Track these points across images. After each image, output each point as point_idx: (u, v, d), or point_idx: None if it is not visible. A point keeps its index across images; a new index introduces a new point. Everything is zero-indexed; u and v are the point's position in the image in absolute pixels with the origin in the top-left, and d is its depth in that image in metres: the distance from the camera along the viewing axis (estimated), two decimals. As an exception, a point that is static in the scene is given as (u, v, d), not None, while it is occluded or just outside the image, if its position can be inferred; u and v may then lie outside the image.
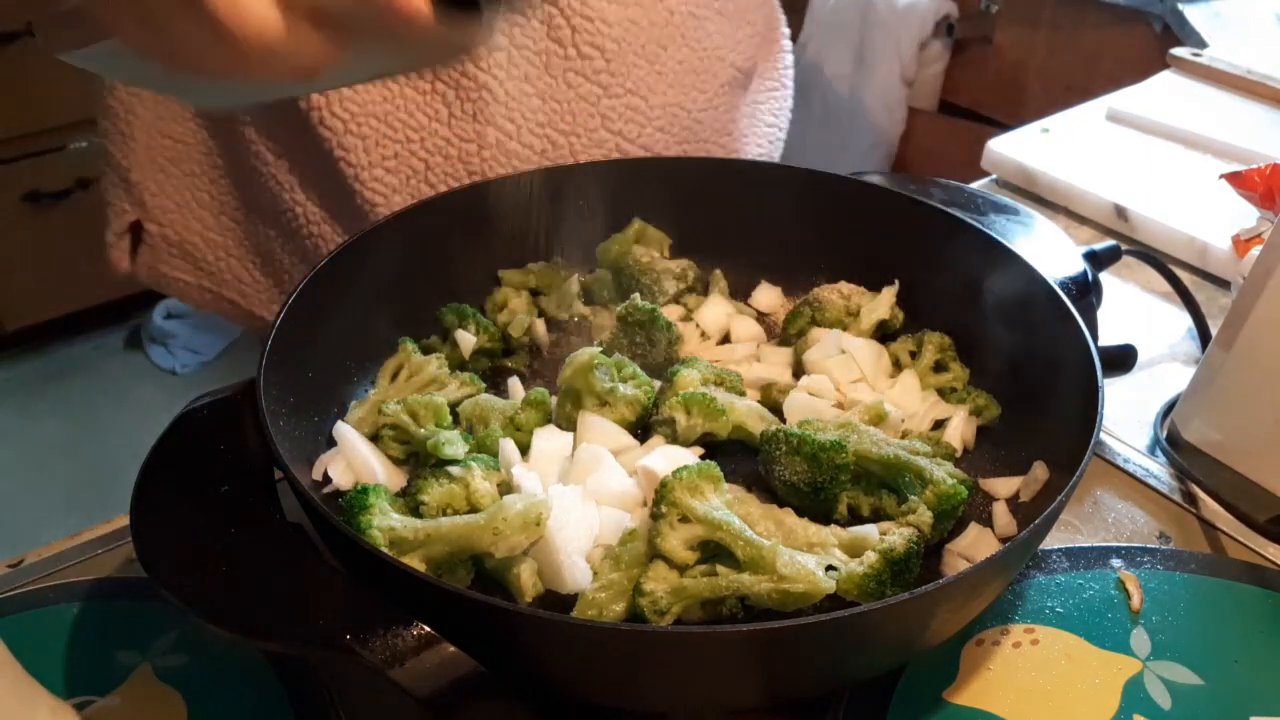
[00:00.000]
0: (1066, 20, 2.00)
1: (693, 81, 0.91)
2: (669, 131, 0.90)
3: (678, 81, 0.90)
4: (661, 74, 0.88)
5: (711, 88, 0.92)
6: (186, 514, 0.51)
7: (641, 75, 0.87)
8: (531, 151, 0.85)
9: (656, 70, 0.88)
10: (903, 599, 0.45)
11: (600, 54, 0.84)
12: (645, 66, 0.87)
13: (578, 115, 0.86)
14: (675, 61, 0.89)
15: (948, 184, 0.84)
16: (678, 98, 0.90)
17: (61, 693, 0.54)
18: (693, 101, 0.91)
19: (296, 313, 0.62)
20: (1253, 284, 0.66)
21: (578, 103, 0.85)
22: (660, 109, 0.89)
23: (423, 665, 0.44)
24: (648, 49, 0.87)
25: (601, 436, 0.64)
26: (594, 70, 0.85)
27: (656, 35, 0.87)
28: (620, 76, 0.86)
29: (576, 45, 0.83)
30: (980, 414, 0.68)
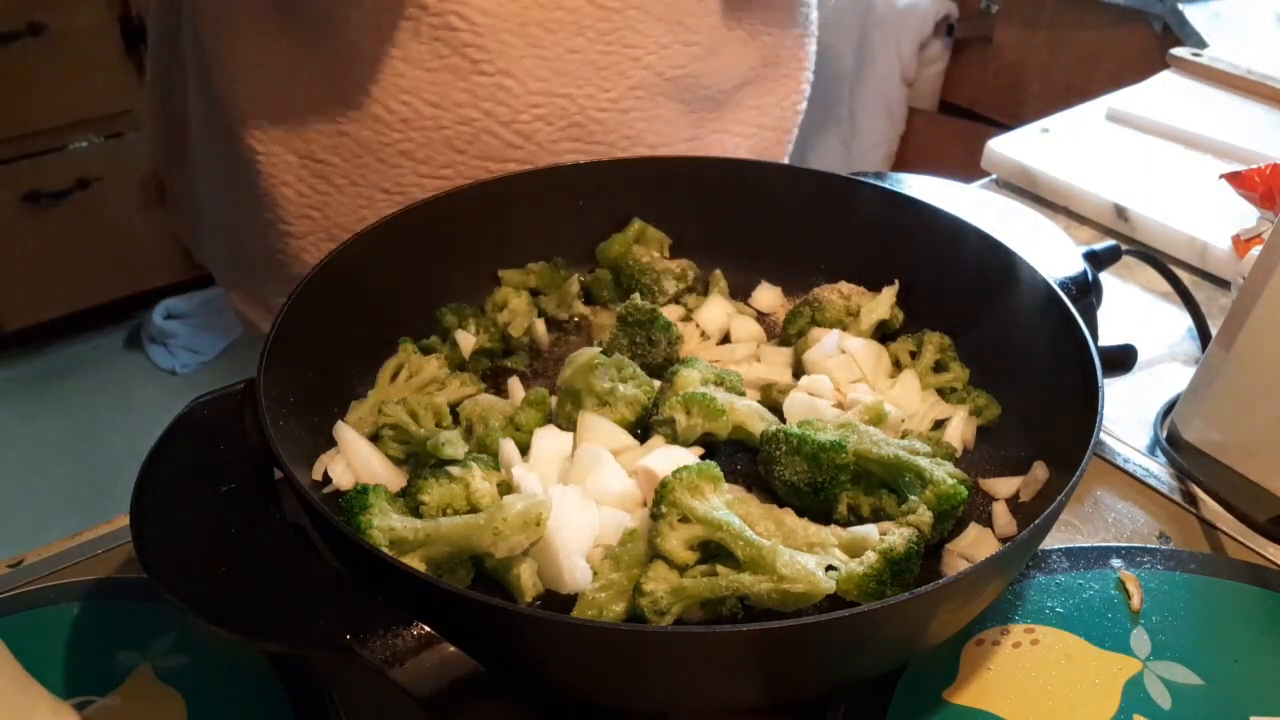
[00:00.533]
0: (1066, 20, 2.00)
1: (589, 75, 0.85)
2: (553, 123, 0.85)
3: (566, 71, 0.84)
4: (545, 59, 0.83)
5: (618, 88, 0.87)
6: (186, 514, 0.51)
7: (517, 57, 0.82)
8: (395, 118, 0.83)
9: (539, 55, 0.83)
10: (903, 599, 0.45)
11: (470, 27, 0.80)
12: (525, 49, 0.82)
13: (444, 87, 0.82)
14: (565, 50, 0.84)
15: (948, 184, 0.84)
16: (566, 89, 0.85)
17: (61, 693, 0.54)
18: (588, 98, 0.86)
19: (296, 313, 0.62)
20: (1253, 284, 0.66)
21: (445, 73, 0.82)
22: (542, 96, 0.84)
23: (423, 665, 0.44)
24: (528, 30, 0.82)
25: (601, 436, 0.64)
26: (461, 43, 0.81)
27: (540, 17, 0.82)
28: (493, 54, 0.82)
29: (442, 14, 0.80)
30: (980, 414, 0.68)
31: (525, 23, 0.81)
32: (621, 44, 0.85)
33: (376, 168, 0.85)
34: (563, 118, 0.85)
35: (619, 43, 0.85)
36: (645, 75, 0.87)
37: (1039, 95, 2.09)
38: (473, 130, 0.84)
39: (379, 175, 0.86)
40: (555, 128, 0.85)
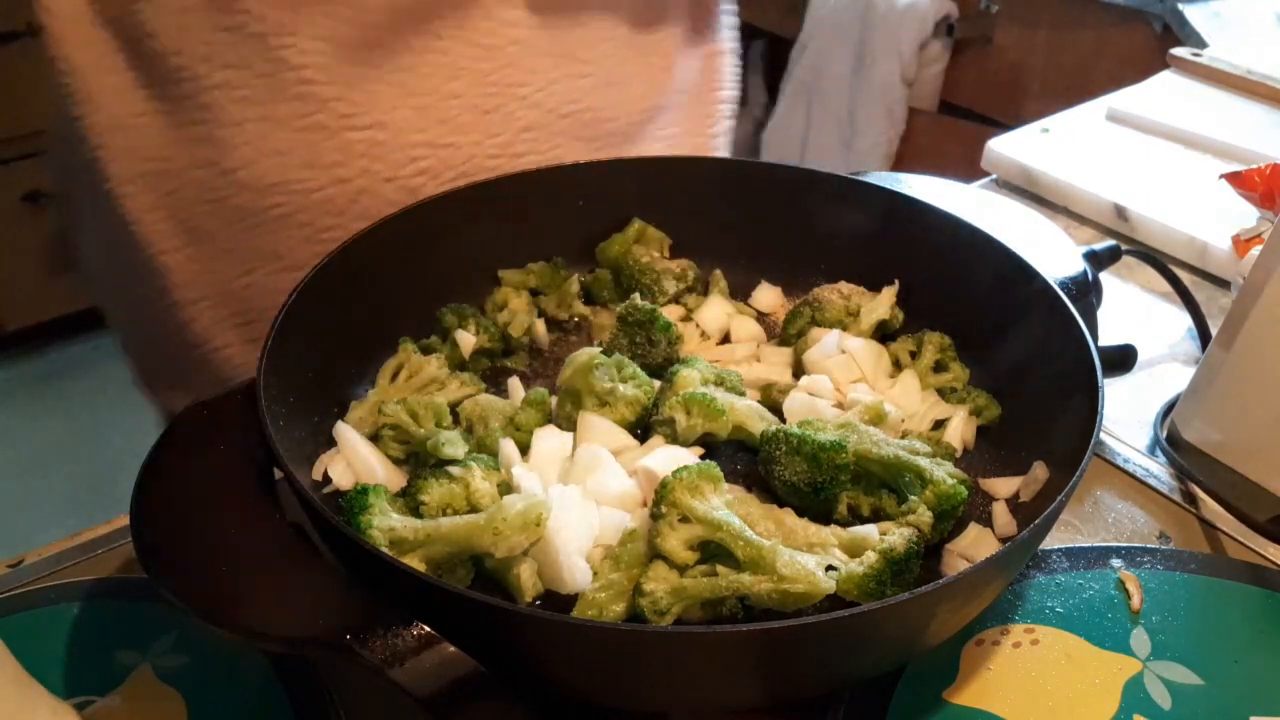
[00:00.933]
0: (1066, 20, 2.00)
1: (473, 121, 0.79)
2: (439, 175, 0.79)
3: (449, 118, 0.78)
4: (422, 108, 0.77)
5: (507, 130, 0.80)
6: (186, 514, 0.51)
7: (390, 108, 0.76)
8: (267, 184, 0.77)
9: (414, 104, 0.76)
10: (903, 599, 0.45)
11: (331, 80, 0.74)
12: (396, 98, 0.76)
13: (314, 146, 0.76)
14: (443, 95, 0.77)
15: (948, 184, 0.84)
16: (450, 137, 0.78)
17: (61, 693, 0.54)
18: (475, 144, 0.79)
19: (297, 312, 0.62)
20: (1253, 284, 0.66)
21: (314, 131, 0.76)
22: (424, 148, 0.78)
23: (423, 665, 0.44)
24: (400, 78, 0.76)
25: (601, 436, 0.64)
26: (326, 98, 0.75)
27: (411, 63, 0.76)
28: (363, 107, 0.76)
29: (301, 68, 0.74)
30: (980, 414, 0.68)
31: (395, 70, 0.75)
32: (505, 83, 0.79)
33: (257, 234, 0.80)
34: (449, 169, 0.80)
35: (502, 82, 0.79)
36: (536, 115, 0.81)
37: (1039, 95, 2.09)
38: (350, 190, 0.78)
39: (261, 241, 0.80)
40: (443, 180, 0.80)
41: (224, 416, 0.56)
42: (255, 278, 0.82)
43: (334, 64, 0.74)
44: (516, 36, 0.78)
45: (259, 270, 0.82)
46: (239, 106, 0.75)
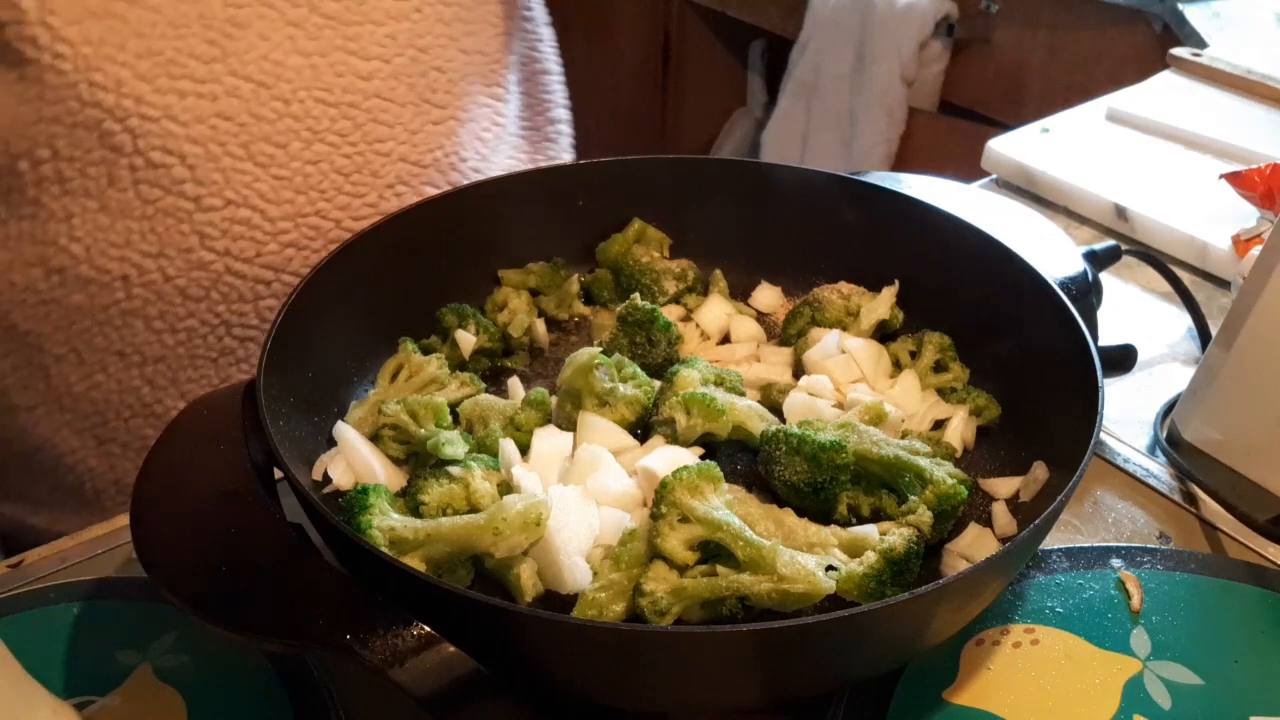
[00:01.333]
0: (1066, 20, 2.00)
1: (338, 185, 0.75)
2: (309, 246, 0.76)
3: (311, 186, 0.74)
4: (284, 178, 0.73)
5: (374, 189, 0.77)
6: (186, 514, 0.51)
7: (248, 181, 0.72)
8: (110, 277, 0.72)
9: (274, 175, 0.72)
10: (903, 599, 0.45)
11: (180, 160, 0.69)
12: (255, 171, 0.72)
13: (164, 234, 0.71)
14: (304, 162, 0.73)
15: (948, 184, 0.84)
16: (315, 205, 0.75)
17: (61, 693, 0.54)
18: (341, 209, 0.76)
19: (296, 313, 0.62)
20: (1253, 284, 0.66)
21: (161, 219, 0.71)
22: (288, 221, 0.74)
23: (423, 665, 0.44)
24: (255, 149, 0.71)
25: (601, 437, 0.64)
26: (174, 180, 0.70)
27: (265, 132, 0.71)
28: (215, 185, 0.71)
29: (141, 152, 0.68)
30: (980, 414, 0.68)
31: (249, 141, 0.71)
32: (367, 141, 0.76)
33: (101, 332, 0.75)
34: (318, 238, 0.76)
35: (364, 140, 0.76)
36: (401, 168, 0.79)
37: (1039, 95, 2.08)
38: (211, 274, 0.74)
39: (106, 339, 0.75)
40: (311, 250, 0.77)
41: (224, 416, 0.56)
42: (102, 378, 0.77)
43: (181, 144, 0.70)
44: (373, 90, 0.75)
45: (106, 370, 0.77)
46: (70, 199, 0.70)
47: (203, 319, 0.76)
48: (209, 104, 0.70)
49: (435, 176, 0.82)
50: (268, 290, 0.77)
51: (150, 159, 0.69)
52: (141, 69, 0.68)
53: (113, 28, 0.67)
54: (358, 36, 0.74)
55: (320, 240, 0.77)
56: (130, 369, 0.77)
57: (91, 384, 0.78)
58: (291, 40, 0.72)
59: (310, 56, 0.72)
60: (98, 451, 0.81)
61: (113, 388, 0.78)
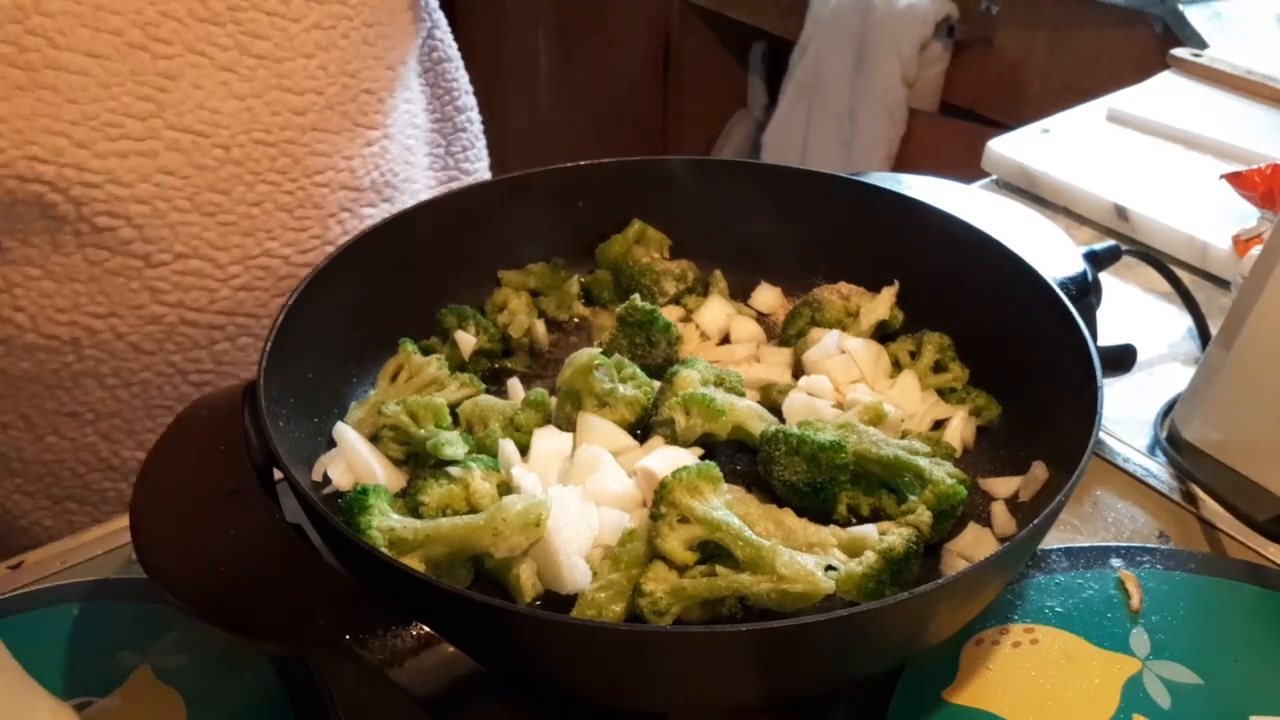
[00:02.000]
0: (1066, 20, 2.00)
1: (283, 222, 0.75)
2: (259, 287, 0.76)
3: (258, 228, 0.74)
4: (228, 224, 0.72)
5: (317, 222, 0.76)
6: (186, 514, 0.51)
7: (196, 232, 0.71)
8: (59, 341, 0.71)
9: (220, 222, 0.72)
10: (902, 599, 0.45)
11: (126, 221, 0.68)
12: (201, 220, 0.71)
13: (113, 293, 0.70)
14: (247, 205, 0.73)
15: (948, 184, 0.84)
16: (263, 246, 0.74)
17: (61, 693, 0.54)
18: (289, 245, 0.76)
19: (296, 313, 0.62)
20: (1253, 284, 0.66)
21: (109, 279, 0.70)
22: (238, 265, 0.74)
23: (423, 665, 0.44)
24: (199, 199, 0.70)
25: (601, 437, 0.64)
26: (121, 241, 0.69)
27: (209, 182, 0.71)
28: (164, 241, 0.70)
29: (86, 219, 0.67)
30: (980, 414, 0.68)
31: (193, 193, 0.70)
32: (306, 175, 0.75)
33: (51, 395, 0.74)
34: (267, 277, 0.76)
35: (303, 174, 0.75)
36: (343, 196, 0.78)
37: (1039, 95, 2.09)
38: (164, 327, 0.73)
39: (57, 402, 0.75)
40: (263, 289, 0.76)
41: (224, 416, 0.56)
42: (54, 439, 0.77)
43: (126, 205, 0.69)
44: (309, 123, 0.75)
45: (58, 431, 0.76)
46: (11, 268, 0.69)
47: (157, 370, 0.76)
48: (150, 161, 0.69)
49: (373, 197, 0.81)
50: (222, 334, 0.76)
51: (95, 224, 0.68)
52: (79, 135, 0.66)
53: (44, 98, 0.65)
54: (290, 73, 0.73)
55: (270, 279, 0.77)
56: (84, 427, 0.77)
57: (43, 446, 0.77)
58: (225, 85, 0.71)
59: (245, 99, 0.72)
60: (53, 511, 0.80)
61: (66, 448, 0.77)
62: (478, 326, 0.74)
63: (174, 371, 0.76)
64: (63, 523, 0.81)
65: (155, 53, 0.68)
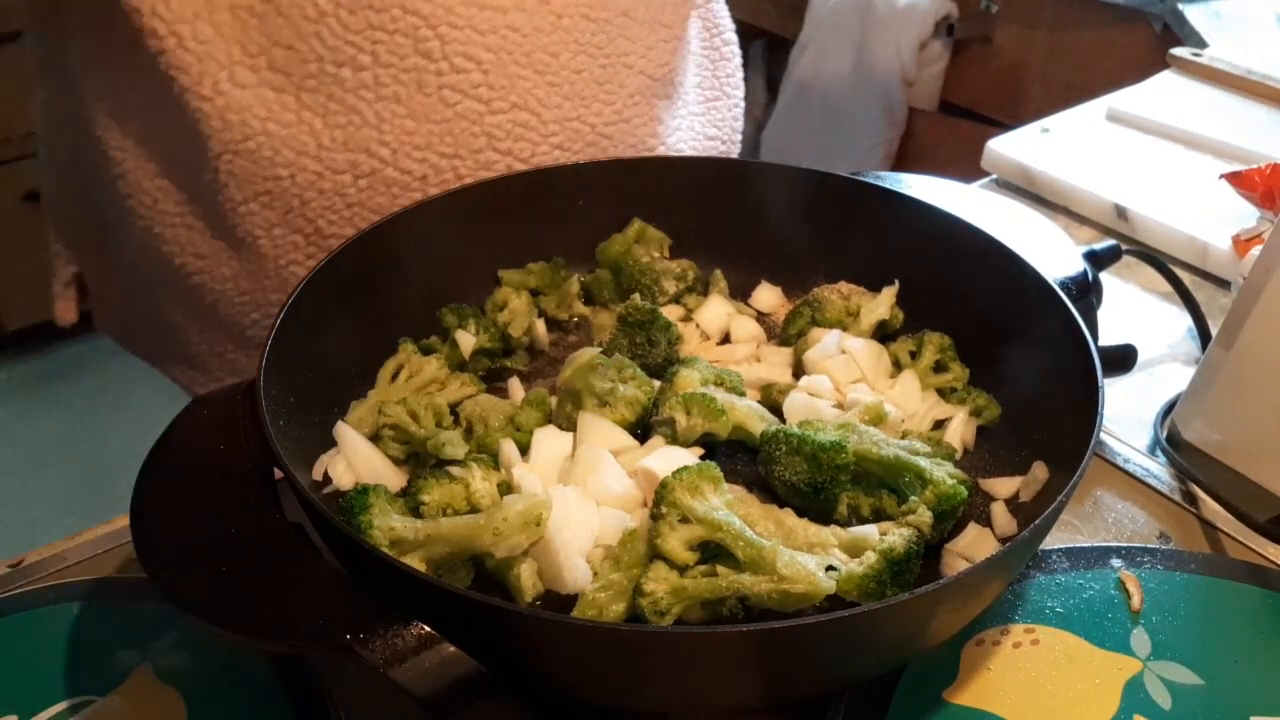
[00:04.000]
0: (1066, 20, 2.00)
1: (594, 93, 0.83)
2: (570, 149, 0.84)
3: (575, 93, 0.82)
4: (555, 85, 0.81)
5: (619, 98, 0.85)
6: (186, 514, 0.51)
7: (529, 87, 0.80)
8: (411, 178, 0.79)
9: (548, 81, 0.80)
10: (903, 599, 0.45)
11: (477, 66, 0.77)
12: (534, 78, 0.80)
13: (459, 135, 0.79)
14: (571, 71, 0.81)
15: (948, 184, 0.84)
16: (577, 110, 0.83)
17: (61, 693, 0.54)
18: (596, 115, 0.84)
19: (296, 313, 0.62)
20: (1253, 284, 0.66)
21: (457, 121, 0.78)
22: (557, 124, 0.82)
23: (423, 665, 0.44)
24: (535, 58, 0.79)
25: (601, 437, 0.64)
26: (471, 84, 0.77)
27: (543, 42, 0.79)
28: (503, 90, 0.79)
29: (448, 57, 0.76)
30: (980, 414, 0.68)
31: (531, 50, 0.79)
32: (617, 54, 0.84)
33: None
34: (578, 141, 0.84)
35: (615, 53, 0.84)
36: (640, 80, 0.87)
37: (1039, 95, 2.09)
38: (494, 172, 0.81)
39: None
40: (572, 153, 0.84)
41: (224, 416, 0.56)
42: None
43: (479, 51, 0.77)
44: (623, 8, 0.84)
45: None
46: (383, 105, 0.76)
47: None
48: (500, 16, 0.77)
49: (660, 89, 0.90)
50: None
51: (454, 64, 0.76)
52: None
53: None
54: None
55: (579, 144, 0.84)
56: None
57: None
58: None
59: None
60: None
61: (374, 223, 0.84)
62: (478, 326, 0.74)
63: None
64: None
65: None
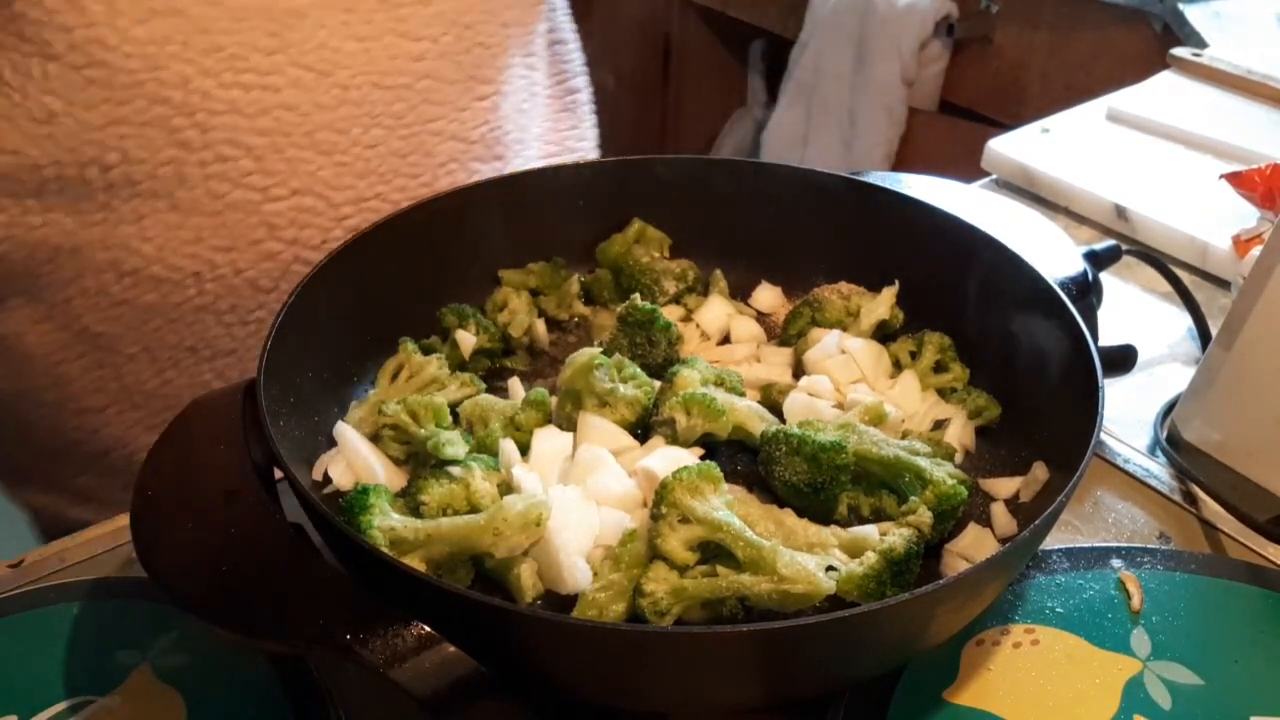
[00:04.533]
0: (1066, 20, 2.00)
1: (395, 167, 0.77)
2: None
3: (371, 170, 0.76)
4: (345, 164, 0.74)
5: (427, 169, 0.79)
6: (186, 514, 0.51)
7: (313, 170, 0.73)
8: (182, 274, 0.73)
9: (336, 161, 0.74)
10: (903, 599, 0.45)
11: (247, 152, 0.71)
12: (318, 159, 0.73)
13: (234, 227, 0.73)
14: (363, 147, 0.75)
15: (948, 184, 0.84)
16: (375, 189, 0.76)
17: (61, 693, 0.54)
18: (400, 190, 0.78)
19: (296, 313, 0.62)
20: (1253, 284, 0.66)
21: (230, 213, 0.72)
22: (350, 206, 0.76)
23: (423, 665, 0.44)
24: (318, 137, 0.73)
25: (601, 437, 0.64)
26: (242, 173, 0.71)
27: (327, 119, 0.73)
28: (282, 175, 0.72)
29: (210, 146, 0.70)
30: (980, 414, 0.68)
31: (312, 130, 0.73)
32: (420, 121, 0.78)
33: (173, 329, 0.77)
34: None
35: (418, 120, 0.77)
36: (452, 146, 0.80)
37: (1039, 95, 2.08)
38: (280, 264, 0.75)
39: (178, 336, 0.77)
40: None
41: (224, 416, 0.56)
42: (174, 374, 0.79)
43: (248, 136, 0.71)
44: (425, 70, 0.77)
45: (178, 366, 0.78)
46: (140, 201, 0.70)
47: (272, 309, 0.77)
48: (272, 95, 0.71)
49: (482, 152, 0.83)
50: None
51: (219, 153, 0.70)
52: (206, 65, 0.69)
53: (177, 25, 0.68)
54: (407, 18, 0.76)
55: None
56: (201, 364, 0.79)
57: (163, 380, 0.79)
58: (346, 26, 0.73)
59: (364, 41, 0.74)
60: None
61: (184, 383, 0.80)
62: (478, 326, 0.74)
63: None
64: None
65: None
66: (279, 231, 0.74)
